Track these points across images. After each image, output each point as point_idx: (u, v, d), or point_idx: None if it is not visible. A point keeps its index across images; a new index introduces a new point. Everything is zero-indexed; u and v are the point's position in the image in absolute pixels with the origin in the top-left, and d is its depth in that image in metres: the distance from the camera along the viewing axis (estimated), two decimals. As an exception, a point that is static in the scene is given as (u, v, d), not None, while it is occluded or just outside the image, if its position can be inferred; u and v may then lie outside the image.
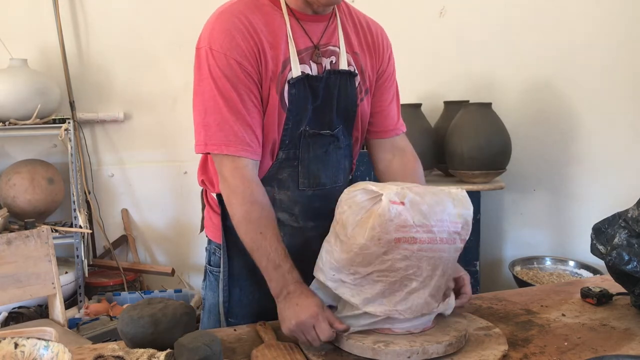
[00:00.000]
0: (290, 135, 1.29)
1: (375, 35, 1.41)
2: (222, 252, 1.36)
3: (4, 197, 3.00)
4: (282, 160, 1.31)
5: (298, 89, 1.27)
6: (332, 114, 1.33)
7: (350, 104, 1.36)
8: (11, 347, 0.99)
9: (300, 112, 1.29)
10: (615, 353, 1.10)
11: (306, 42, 1.29)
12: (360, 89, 1.37)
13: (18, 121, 2.90)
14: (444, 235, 1.07)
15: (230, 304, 1.36)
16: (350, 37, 1.36)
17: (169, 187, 3.46)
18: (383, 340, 1.09)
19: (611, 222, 1.30)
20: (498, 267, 3.22)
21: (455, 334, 1.11)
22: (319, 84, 1.29)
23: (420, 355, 1.05)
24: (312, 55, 1.29)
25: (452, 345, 1.08)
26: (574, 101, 2.92)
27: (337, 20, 1.35)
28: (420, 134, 2.88)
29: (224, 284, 1.35)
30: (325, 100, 1.31)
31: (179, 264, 3.42)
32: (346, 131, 1.38)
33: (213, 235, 1.43)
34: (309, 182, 1.34)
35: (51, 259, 2.12)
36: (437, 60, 3.25)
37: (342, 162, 1.39)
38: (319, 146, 1.33)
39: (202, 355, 0.95)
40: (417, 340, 1.09)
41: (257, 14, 1.25)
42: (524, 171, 3.07)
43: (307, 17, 1.30)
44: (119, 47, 3.31)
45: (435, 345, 1.07)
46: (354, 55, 1.36)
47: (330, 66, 1.32)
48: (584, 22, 2.84)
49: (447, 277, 1.13)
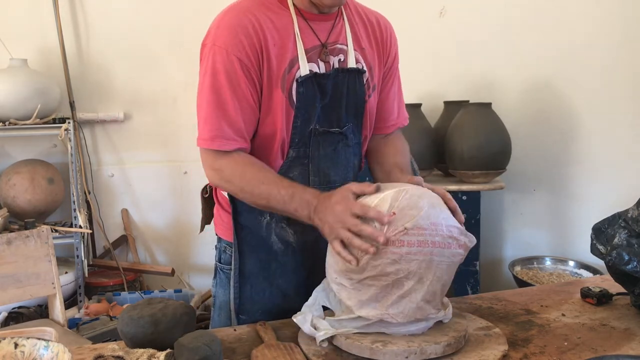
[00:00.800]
0: (300, 133, 1.30)
1: (383, 30, 1.42)
2: (234, 250, 1.36)
3: (4, 197, 3.00)
4: (292, 158, 1.32)
5: (306, 87, 1.27)
6: (340, 111, 1.34)
7: (359, 102, 1.37)
8: (11, 347, 0.99)
9: (309, 110, 1.29)
10: (615, 353, 1.10)
11: (314, 40, 1.30)
12: (368, 85, 1.38)
13: (18, 121, 2.90)
14: (437, 239, 1.06)
15: (241, 300, 1.37)
16: (357, 34, 1.37)
17: (169, 187, 3.46)
18: (381, 340, 1.09)
19: (611, 222, 1.30)
20: (498, 267, 3.23)
21: (454, 335, 1.11)
22: (327, 81, 1.30)
23: (418, 356, 1.05)
24: (320, 54, 1.30)
25: (450, 346, 1.08)
26: (574, 101, 2.92)
27: (343, 18, 1.35)
28: (420, 134, 2.88)
29: (235, 281, 1.36)
30: (333, 98, 1.32)
31: (179, 264, 3.42)
32: (356, 129, 1.39)
33: (223, 234, 1.44)
34: (320, 180, 1.34)
35: (51, 259, 2.12)
36: (437, 60, 3.25)
37: (351, 160, 1.40)
38: (329, 144, 1.34)
39: (202, 355, 0.95)
40: (415, 340, 1.09)
41: (264, 12, 1.26)
42: (524, 171, 3.07)
43: (314, 16, 1.30)
44: (119, 47, 3.31)
45: (433, 345, 1.07)
46: (362, 52, 1.37)
47: (339, 64, 1.33)
48: (584, 22, 2.84)
49: (443, 283, 1.11)
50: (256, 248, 1.36)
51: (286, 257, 1.37)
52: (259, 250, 1.36)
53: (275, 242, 1.35)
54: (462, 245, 1.10)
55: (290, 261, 1.37)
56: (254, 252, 1.36)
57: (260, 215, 1.33)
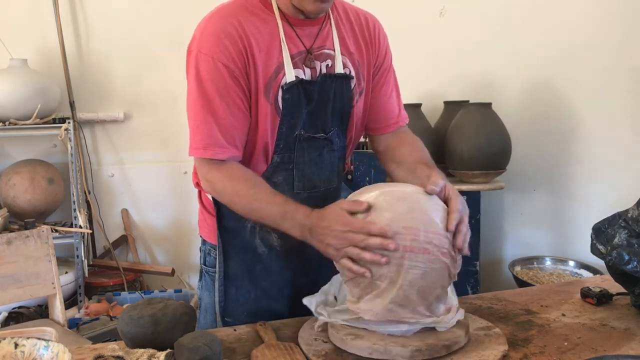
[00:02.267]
0: (285, 139, 1.29)
1: (372, 28, 1.39)
2: (218, 253, 1.36)
3: (4, 197, 3.00)
4: (277, 164, 1.31)
5: (292, 94, 1.26)
6: (326, 117, 1.33)
7: (346, 107, 1.35)
8: (11, 347, 0.99)
9: (295, 116, 1.28)
10: (615, 353, 1.10)
11: (299, 46, 1.28)
12: (355, 90, 1.36)
13: (18, 121, 2.91)
14: (412, 244, 1.04)
15: (226, 303, 1.37)
16: (345, 37, 1.35)
17: (169, 187, 3.46)
18: (355, 334, 1.10)
19: (611, 222, 1.30)
20: (498, 267, 3.22)
21: (430, 342, 1.07)
22: (313, 87, 1.29)
23: (381, 354, 1.05)
24: (305, 60, 1.28)
25: (420, 352, 1.05)
26: (574, 101, 2.92)
27: (330, 22, 1.33)
28: (420, 134, 2.82)
29: (220, 284, 1.36)
30: (320, 104, 1.31)
31: (179, 264, 3.42)
32: (341, 133, 1.37)
33: (207, 236, 1.43)
34: (304, 185, 1.33)
35: (51, 259, 2.12)
36: (437, 60, 3.25)
37: (336, 164, 1.39)
38: (314, 149, 1.33)
39: (202, 355, 0.95)
40: (387, 340, 1.08)
41: (249, 17, 1.25)
42: (524, 171, 3.07)
43: (299, 22, 1.29)
44: (119, 47, 3.31)
45: (400, 348, 1.06)
46: (349, 56, 1.35)
47: (326, 70, 1.31)
48: (584, 22, 2.84)
49: (420, 289, 1.07)
50: (240, 250, 1.35)
51: (270, 260, 1.36)
52: (243, 252, 1.35)
53: (260, 245, 1.35)
54: (445, 253, 1.07)
55: (275, 264, 1.36)
56: (238, 254, 1.35)
57: (244, 219, 1.32)
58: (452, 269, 1.10)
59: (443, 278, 1.09)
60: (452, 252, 1.09)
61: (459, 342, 1.09)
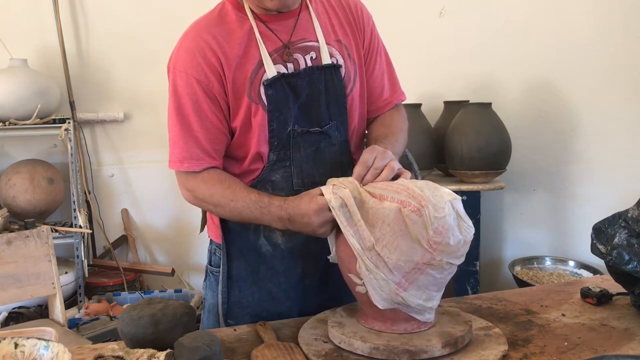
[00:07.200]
0: (277, 136, 1.28)
1: (354, 10, 1.38)
2: (222, 253, 1.36)
3: (4, 197, 3.01)
4: (273, 162, 1.30)
5: (275, 89, 1.26)
6: (320, 110, 1.31)
7: (340, 97, 1.33)
8: (11, 347, 0.99)
9: (283, 112, 1.27)
10: (615, 353, 1.10)
11: (276, 42, 1.28)
12: (348, 78, 1.34)
13: (18, 121, 2.91)
14: (393, 195, 1.07)
15: (229, 305, 1.36)
16: (328, 26, 1.33)
17: (169, 187, 3.45)
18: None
19: (611, 222, 1.30)
20: (498, 267, 3.23)
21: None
22: (298, 80, 1.28)
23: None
24: (283, 55, 1.28)
25: (378, 350, 1.05)
26: (574, 101, 2.92)
27: (310, 12, 1.32)
28: (420, 134, 2.88)
29: (223, 285, 1.35)
30: (311, 97, 1.30)
31: (179, 264, 3.42)
32: (341, 126, 1.35)
33: (214, 235, 1.43)
34: (303, 182, 1.31)
35: (51, 259, 2.13)
36: (437, 60, 3.25)
37: (338, 159, 1.35)
38: (310, 144, 1.31)
39: (202, 355, 0.95)
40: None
41: (221, 27, 1.27)
42: (524, 171, 3.07)
43: (272, 18, 1.28)
44: (119, 47, 3.31)
45: (360, 342, 1.07)
46: (337, 45, 1.33)
47: (312, 62, 1.30)
48: (584, 22, 2.84)
49: (400, 255, 1.04)
50: (244, 251, 1.35)
51: (275, 260, 1.34)
52: (247, 253, 1.35)
53: (264, 244, 1.34)
54: (415, 210, 1.05)
55: (280, 264, 1.35)
56: (242, 255, 1.35)
57: None
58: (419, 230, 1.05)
59: (412, 248, 1.05)
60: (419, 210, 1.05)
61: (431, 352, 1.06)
